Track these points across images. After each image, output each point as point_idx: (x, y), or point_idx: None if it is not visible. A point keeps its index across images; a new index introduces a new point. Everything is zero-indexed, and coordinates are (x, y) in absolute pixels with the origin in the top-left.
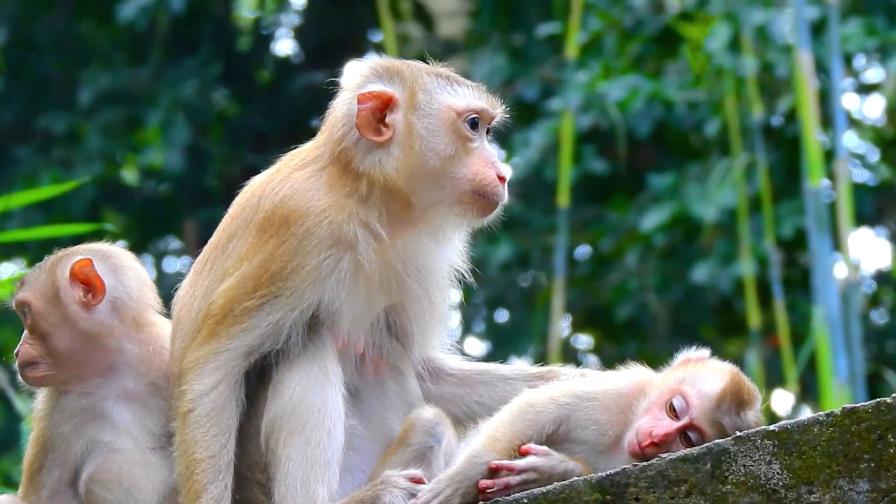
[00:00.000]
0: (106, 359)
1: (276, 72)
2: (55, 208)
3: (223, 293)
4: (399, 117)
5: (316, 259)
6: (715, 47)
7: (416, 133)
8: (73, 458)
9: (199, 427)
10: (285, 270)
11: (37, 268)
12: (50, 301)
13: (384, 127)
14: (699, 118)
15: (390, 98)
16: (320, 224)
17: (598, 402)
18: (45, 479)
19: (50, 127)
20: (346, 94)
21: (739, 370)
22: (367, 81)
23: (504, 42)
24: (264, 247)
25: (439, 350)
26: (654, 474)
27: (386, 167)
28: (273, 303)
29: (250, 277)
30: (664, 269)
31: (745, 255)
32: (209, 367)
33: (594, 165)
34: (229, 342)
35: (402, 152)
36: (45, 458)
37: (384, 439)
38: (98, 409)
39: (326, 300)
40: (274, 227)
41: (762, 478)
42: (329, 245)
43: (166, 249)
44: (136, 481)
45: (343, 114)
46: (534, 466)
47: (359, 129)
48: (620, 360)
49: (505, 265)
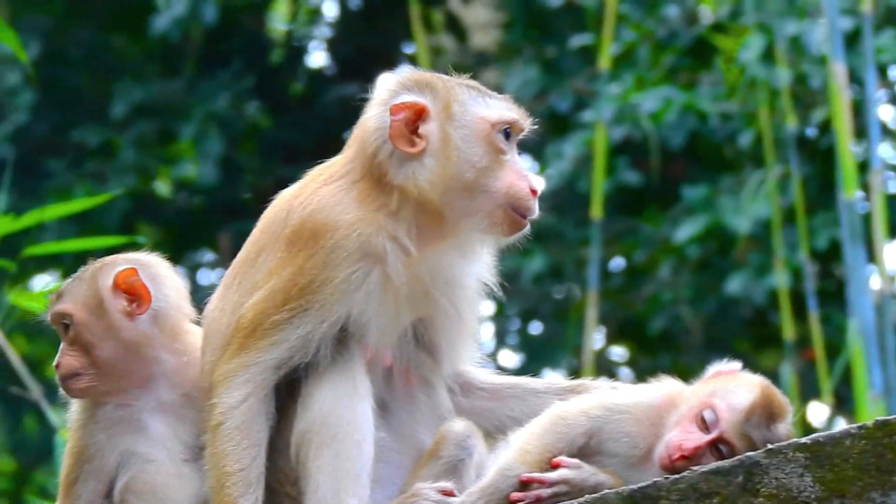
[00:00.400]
0: (144, 369)
1: (308, 84)
2: (88, 221)
3: (252, 306)
4: (432, 128)
5: (345, 272)
6: (748, 58)
7: (451, 144)
8: (109, 470)
9: (229, 440)
10: (314, 283)
11: (74, 279)
12: (93, 312)
13: (417, 138)
14: (733, 130)
15: (423, 109)
16: (349, 237)
17: (630, 414)
18: (81, 491)
19: (83, 140)
20: (376, 107)
21: (770, 383)
22: (399, 93)
23: (537, 54)
24: (293, 260)
25: (470, 364)
26: (686, 487)
27: (420, 179)
28: (302, 316)
29: (279, 291)
30: (697, 281)
31: (779, 267)
32: (239, 381)
33: (627, 177)
34: (259, 355)
35: (437, 164)
36: (81, 470)
37: (414, 452)
38: (134, 420)
39: (355, 313)
40: (303, 241)
41: (794, 490)
42: (358, 258)
43: (200, 262)
44: (169, 492)
45: (375, 126)
46: (565, 479)
47: (392, 140)
48: (654, 372)
49: (538, 277)
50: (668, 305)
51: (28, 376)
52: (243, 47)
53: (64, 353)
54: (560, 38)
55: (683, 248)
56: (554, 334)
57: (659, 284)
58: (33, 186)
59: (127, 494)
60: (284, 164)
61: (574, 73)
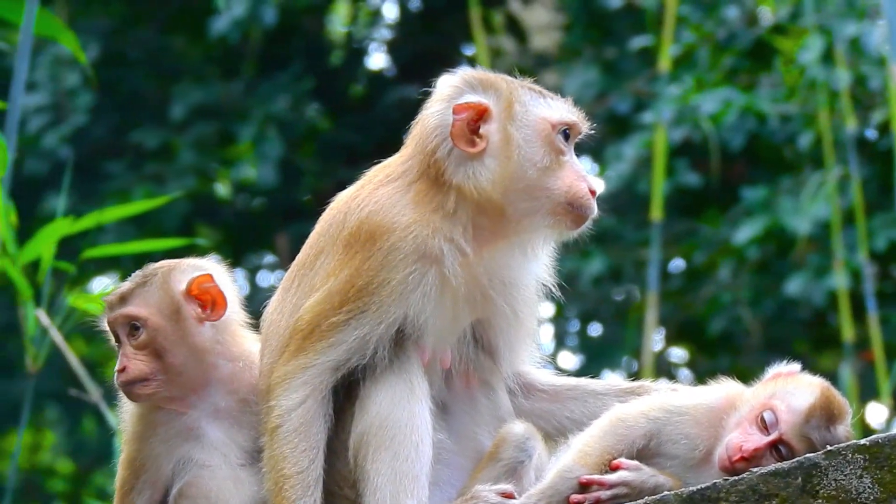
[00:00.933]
0: (204, 375)
1: (368, 86)
2: (148, 223)
3: (310, 309)
4: (493, 128)
5: (402, 273)
6: (808, 60)
7: (513, 144)
8: (164, 478)
9: (287, 443)
10: (371, 285)
11: (139, 282)
12: (169, 316)
13: (478, 138)
14: (792, 131)
15: (486, 109)
16: (405, 239)
17: (689, 416)
18: (137, 500)
19: (142, 142)
20: (438, 105)
21: (830, 384)
22: (463, 92)
23: (596, 55)
24: (350, 262)
25: (529, 365)
26: (745, 489)
27: (480, 179)
28: (360, 317)
29: (337, 293)
30: (757, 282)
31: (838, 268)
32: (297, 383)
33: (687, 179)
34: (317, 357)
35: (498, 164)
36: (137, 481)
37: (474, 454)
38: (191, 428)
39: (412, 314)
40: (360, 243)
41: (853, 492)
42: (414, 259)
43: (259, 264)
44: (225, 497)
45: (436, 124)
46: (625, 481)
47: (452, 138)
48: (713, 374)
49: (598, 279)
50: (728, 307)
51: (87, 378)
52: (303, 49)
53: (130, 358)
54: (620, 39)
55: (743, 250)
56: (613, 336)
57: (718, 286)
58: (92, 189)
59: (181, 500)
60: (344, 166)
61: (634, 75)
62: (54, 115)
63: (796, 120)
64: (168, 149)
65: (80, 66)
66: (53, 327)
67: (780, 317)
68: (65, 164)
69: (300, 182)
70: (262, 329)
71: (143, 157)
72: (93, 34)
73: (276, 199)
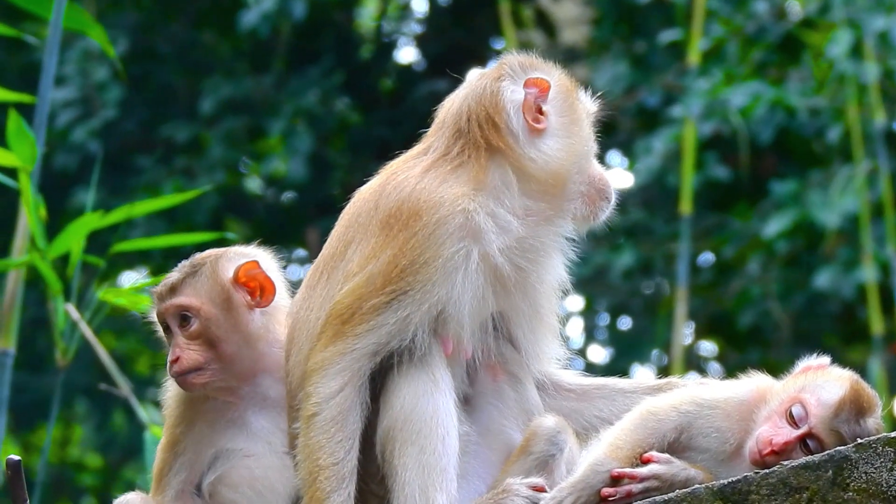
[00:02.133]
0: (255, 363)
1: (398, 80)
2: (177, 217)
3: (350, 292)
4: (554, 108)
5: (449, 250)
6: (837, 54)
7: (574, 125)
8: (202, 464)
9: (324, 432)
10: (416, 264)
11: (188, 273)
12: (221, 305)
13: (542, 115)
14: (821, 125)
15: (549, 86)
16: (453, 213)
17: (720, 409)
18: (172, 481)
19: (172, 136)
20: (499, 83)
21: (859, 378)
22: (528, 69)
23: (626, 49)
24: (392, 242)
25: (556, 365)
26: (776, 482)
27: (545, 156)
28: (402, 298)
29: (379, 274)
30: (786, 276)
31: (867, 261)
32: (335, 370)
33: (716, 172)
34: (357, 341)
35: (560, 143)
36: (175, 462)
37: (502, 446)
38: (237, 417)
39: (455, 296)
40: (401, 222)
41: (883, 485)
42: (461, 236)
43: (290, 258)
44: (269, 483)
45: (507, 99)
46: (656, 474)
47: (524, 112)
48: (743, 367)
49: (627, 273)
50: (757, 300)
51: (117, 373)
52: (333, 43)
53: (183, 348)
54: (649, 33)
55: (772, 244)
56: (643, 330)
57: (748, 279)
58: (122, 183)
59: (219, 486)
60: (374, 160)
61: (663, 69)
62: (83, 110)
63: (825, 113)
64: (198, 143)
65: (110, 61)
66: (83, 321)
67: (809, 310)
68: (94, 158)
69: (330, 176)
70: (289, 326)
71: (173, 151)
72: (122, 28)
73: (306, 194)
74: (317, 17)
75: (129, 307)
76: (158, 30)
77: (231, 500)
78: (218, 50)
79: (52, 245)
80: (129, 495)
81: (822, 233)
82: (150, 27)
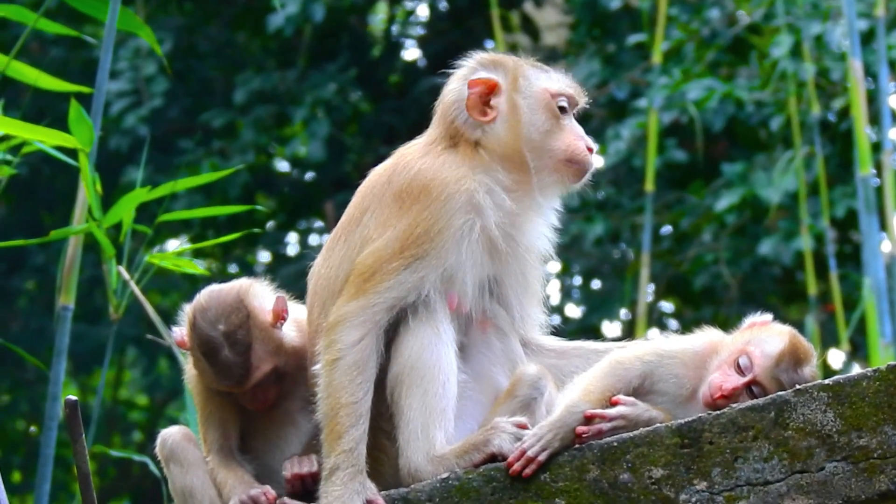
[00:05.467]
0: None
1: (403, 75)
2: (214, 192)
3: (371, 254)
4: (502, 100)
5: (458, 221)
6: (779, 54)
7: (518, 111)
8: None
9: (346, 374)
10: (431, 232)
11: (214, 305)
12: (275, 354)
13: (489, 109)
14: (765, 115)
15: (495, 84)
16: (459, 190)
17: (678, 359)
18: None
19: (210, 122)
20: (456, 82)
21: (797, 332)
22: (474, 71)
23: (599, 50)
24: (407, 213)
25: (538, 332)
26: (726, 421)
27: (492, 141)
28: (419, 261)
29: (396, 240)
30: (735, 244)
31: (804, 232)
32: (357, 321)
33: (675, 156)
34: (377, 297)
35: (507, 128)
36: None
37: (491, 390)
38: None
39: (463, 260)
40: (413, 197)
41: (818, 424)
42: (468, 210)
43: (310, 227)
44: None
45: (454, 99)
46: (623, 415)
47: (468, 110)
48: (697, 323)
49: (599, 241)
50: (710, 265)
51: (161, 325)
52: (348, 43)
53: (261, 394)
54: (619, 36)
55: (723, 216)
56: (612, 290)
57: (702, 247)
58: (167, 162)
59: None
60: (383, 144)
61: (631, 67)
62: (134, 99)
63: (769, 106)
64: (232, 128)
65: (157, 58)
66: (132, 281)
67: (754, 274)
68: (143, 141)
69: (345, 157)
70: (310, 285)
71: (211, 135)
72: (168, 30)
73: (324, 172)
74: (334, 20)
75: (173, 269)
76: (199, 31)
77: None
78: (249, 48)
79: (107, 216)
80: (172, 429)
81: (766, 208)
82: (191, 29)
